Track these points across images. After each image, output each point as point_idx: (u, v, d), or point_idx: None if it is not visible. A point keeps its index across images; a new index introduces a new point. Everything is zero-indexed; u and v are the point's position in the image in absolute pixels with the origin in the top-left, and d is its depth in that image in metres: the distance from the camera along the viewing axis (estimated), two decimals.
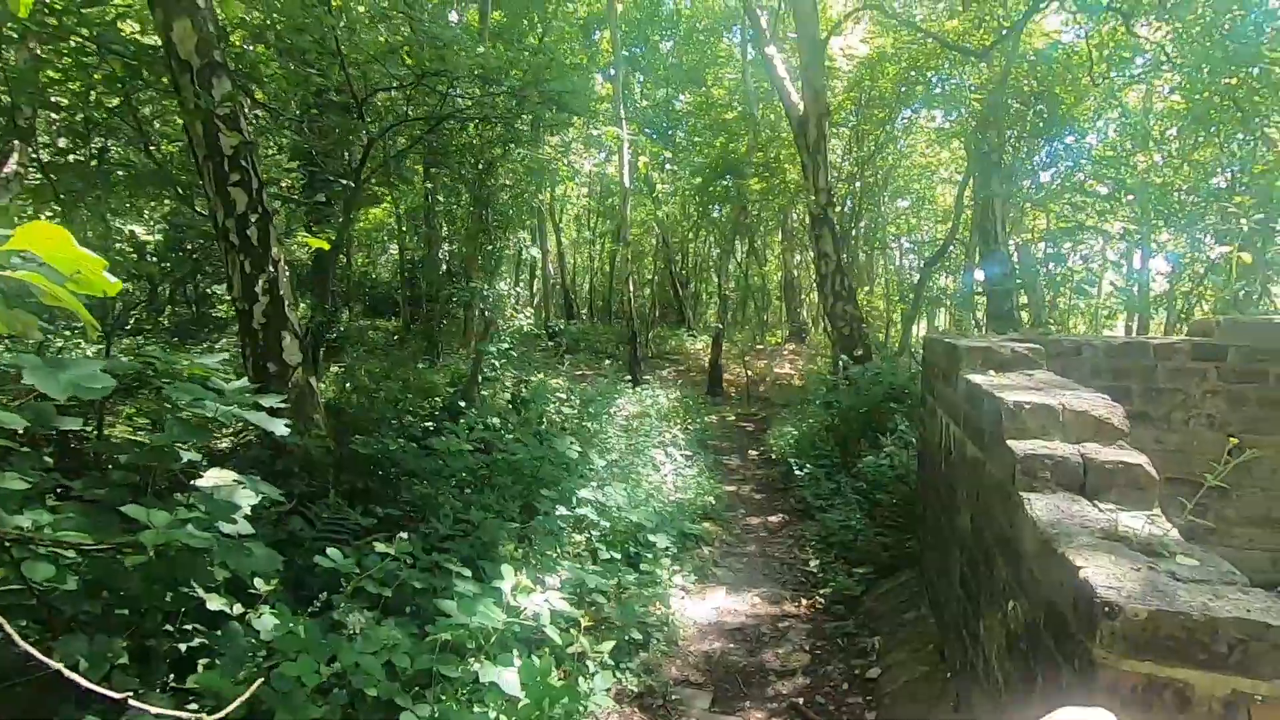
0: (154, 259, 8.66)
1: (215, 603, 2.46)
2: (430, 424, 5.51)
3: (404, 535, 2.77)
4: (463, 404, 6.14)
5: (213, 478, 2.53)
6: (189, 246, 10.40)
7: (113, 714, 1.81)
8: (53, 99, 5.81)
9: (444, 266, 11.50)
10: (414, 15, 7.16)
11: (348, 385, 7.45)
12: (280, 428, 2.59)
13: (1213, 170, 9.89)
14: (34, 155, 5.88)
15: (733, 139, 16.60)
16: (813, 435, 7.91)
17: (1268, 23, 9.43)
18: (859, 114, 13.51)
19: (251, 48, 6.14)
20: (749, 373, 14.60)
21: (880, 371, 7.51)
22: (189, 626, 2.50)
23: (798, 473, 6.83)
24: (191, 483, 2.51)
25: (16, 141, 6.13)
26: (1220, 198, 8.68)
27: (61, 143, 7.33)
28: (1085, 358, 3.84)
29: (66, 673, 0.76)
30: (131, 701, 0.90)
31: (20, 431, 2.05)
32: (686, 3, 19.54)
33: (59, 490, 2.67)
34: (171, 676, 2.43)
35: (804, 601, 4.47)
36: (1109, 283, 15.09)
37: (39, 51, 5.40)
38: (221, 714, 0.83)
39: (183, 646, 2.48)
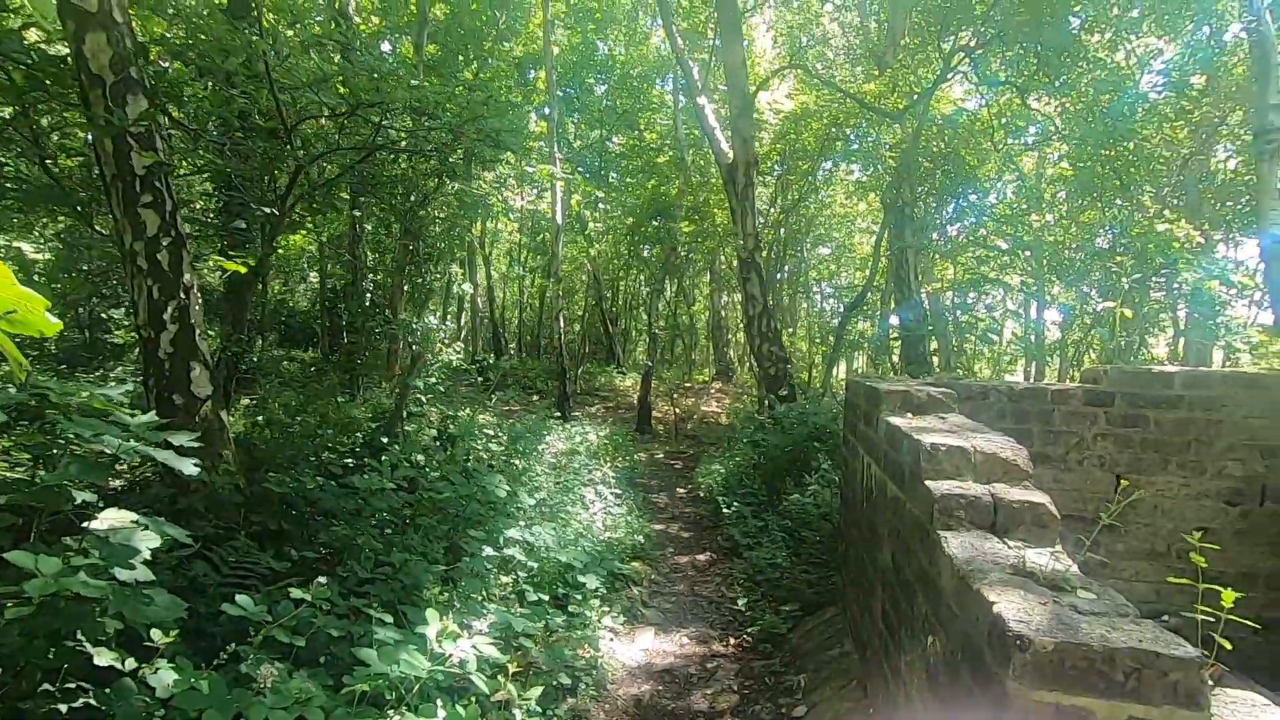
0: (42, 279, 8.04)
1: (104, 657, 2.25)
2: (350, 461, 5.28)
3: (322, 580, 2.62)
4: (386, 440, 5.93)
5: (109, 519, 2.35)
6: (85, 268, 9.72)
7: None
8: None
9: (369, 297, 11.18)
10: (346, 43, 7.08)
11: (260, 419, 7.07)
12: (189, 467, 2.44)
13: (1097, 231, 10.89)
14: None
15: (664, 182, 17.07)
16: (740, 473, 8.04)
17: (1139, 103, 10.60)
18: (784, 164, 14.17)
19: (168, 65, 5.89)
20: (677, 410, 14.76)
21: (805, 411, 7.76)
22: (73, 685, 2.27)
23: (725, 511, 6.91)
24: (85, 525, 2.31)
25: None
26: (1103, 257, 9.56)
27: None
28: (991, 401, 4.11)
29: None
30: None
31: None
32: (620, 50, 20.12)
33: None
34: None
35: (732, 640, 4.49)
36: (1009, 331, 16.25)
37: None
38: None
39: (64, 708, 2.25)
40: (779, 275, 17.89)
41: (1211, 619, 1.52)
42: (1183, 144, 11.23)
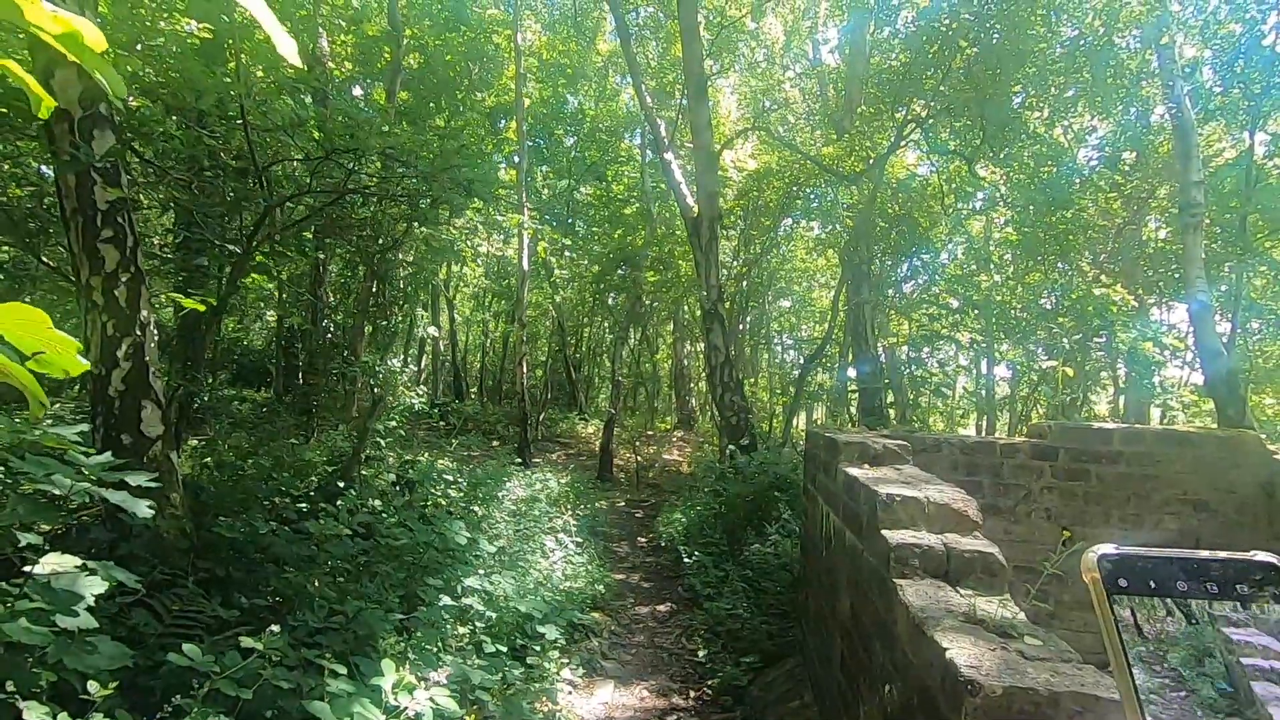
0: None
1: (35, 713, 2.13)
2: (305, 505, 5.14)
3: (274, 629, 2.55)
4: (342, 484, 5.79)
5: (51, 564, 2.26)
6: (28, 299, 9.38)
7: None
8: None
9: (329, 338, 11.02)
10: (320, 87, 7.16)
11: (209, 460, 6.83)
12: (143, 509, 2.37)
13: (1041, 293, 11.47)
14: None
15: (630, 232, 17.42)
16: (701, 522, 8.03)
17: (1075, 175, 11.34)
18: (747, 220, 14.63)
19: (133, 101, 5.88)
20: (639, 458, 14.72)
21: (766, 461, 7.85)
22: None
23: (686, 560, 6.88)
24: (25, 569, 2.22)
25: None
26: (1047, 317, 10.05)
27: None
28: (944, 453, 4.26)
29: None
30: None
31: None
32: (590, 104, 20.72)
33: None
34: None
35: (692, 693, 4.43)
36: (961, 386, 16.80)
37: None
38: None
39: None
40: (741, 327, 18.27)
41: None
42: (1117, 214, 12.01)
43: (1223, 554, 0.43)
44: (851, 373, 14.04)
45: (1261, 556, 0.43)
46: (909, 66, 9.77)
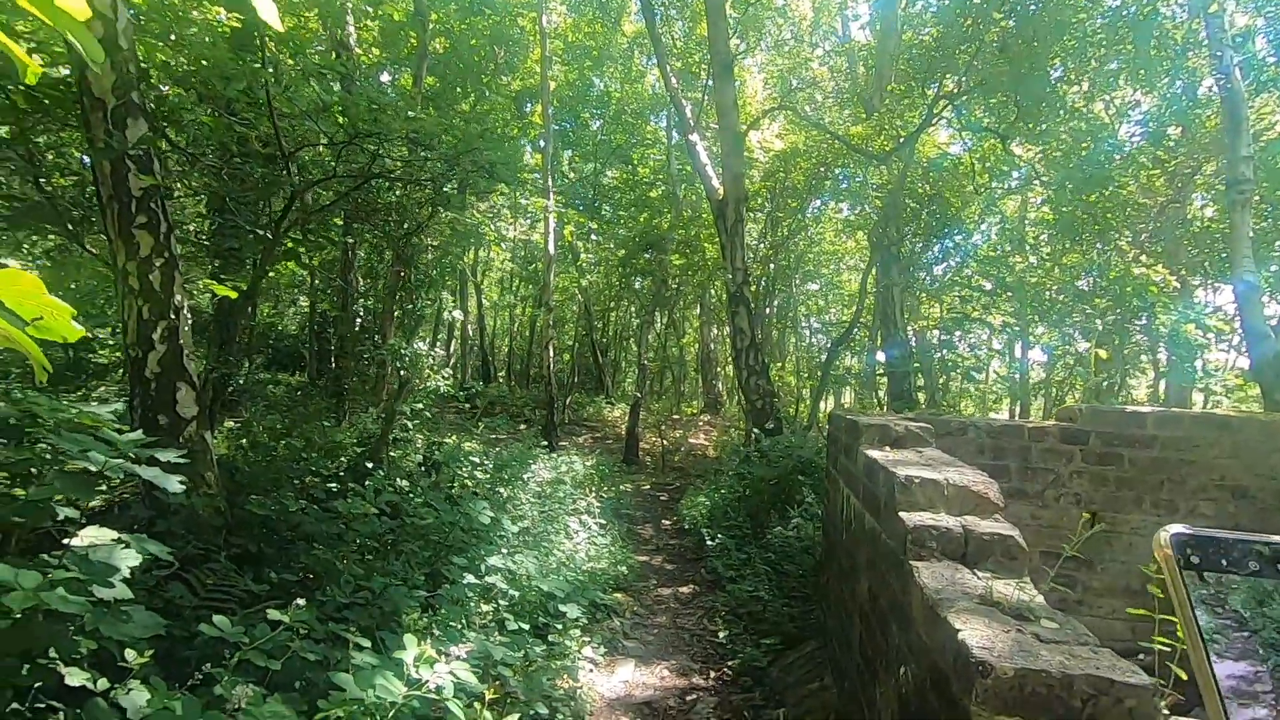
0: None
1: (77, 677, 2.23)
2: (334, 485, 5.26)
3: (300, 602, 2.62)
4: (370, 465, 5.91)
5: (89, 536, 2.35)
6: (73, 286, 9.71)
7: None
8: None
9: (359, 322, 11.21)
10: (346, 73, 7.21)
11: (244, 442, 7.03)
12: (174, 485, 2.45)
13: (1078, 274, 11.14)
14: None
15: (656, 215, 17.33)
16: (725, 506, 8.04)
17: (1116, 152, 10.94)
18: (774, 201, 14.44)
19: (166, 90, 6.00)
20: (665, 442, 14.75)
21: (790, 444, 7.80)
22: (43, 704, 2.25)
23: (709, 543, 6.90)
24: (64, 542, 2.31)
25: None
26: (1083, 299, 9.76)
27: None
28: (970, 437, 4.18)
29: None
30: None
31: None
32: (616, 86, 20.58)
33: None
34: None
35: (712, 674, 4.46)
36: (994, 370, 16.45)
37: None
38: None
39: None
40: (769, 310, 18.10)
41: (1168, 649, 1.57)
42: (1160, 191, 11.57)
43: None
44: (880, 356, 13.84)
45: None
46: (941, 41, 9.48)
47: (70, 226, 6.62)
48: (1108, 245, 10.48)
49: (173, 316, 4.46)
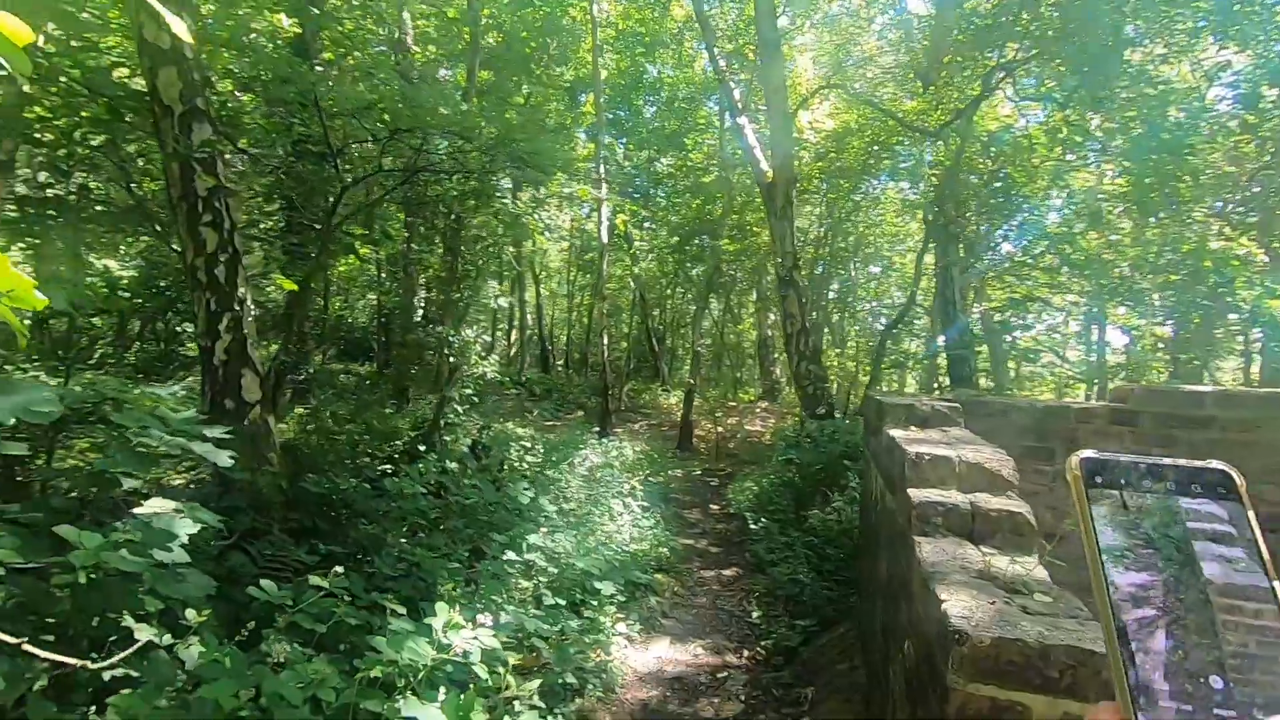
0: (126, 294, 8.70)
1: (144, 632, 2.48)
2: (388, 466, 5.55)
3: (339, 569, 2.81)
4: (423, 448, 6.18)
5: (152, 505, 2.59)
6: (162, 283, 10.46)
7: None
8: (36, 134, 5.97)
9: (420, 313, 11.64)
10: (401, 72, 7.47)
11: (310, 426, 7.45)
12: (224, 459, 2.67)
13: (1152, 249, 10.47)
14: (10, 189, 6.00)
15: (709, 201, 17.20)
16: (772, 491, 8.01)
17: (1200, 116, 10.18)
18: (827, 183, 14.13)
19: (235, 95, 6.39)
20: (720, 429, 14.73)
21: (838, 429, 7.69)
22: (115, 655, 2.50)
23: (753, 527, 6.90)
24: (131, 510, 2.56)
25: None
26: (1156, 274, 9.18)
27: (42, 177, 7.46)
28: (1012, 419, 4.04)
29: None
30: None
31: None
32: (668, 72, 20.45)
33: None
34: (93, 709, 2.42)
35: (746, 653, 4.50)
36: (1068, 354, 15.65)
37: (26, 88, 5.58)
38: None
39: (106, 675, 2.48)
40: (829, 294, 17.72)
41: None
42: (1250, 157, 10.72)
43: (1181, 460, 0.51)
44: (941, 340, 13.40)
45: (1215, 464, 0.50)
46: (999, 6, 9.03)
47: (158, 228, 7.15)
48: (1181, 217, 9.79)
49: (237, 308, 4.79)
